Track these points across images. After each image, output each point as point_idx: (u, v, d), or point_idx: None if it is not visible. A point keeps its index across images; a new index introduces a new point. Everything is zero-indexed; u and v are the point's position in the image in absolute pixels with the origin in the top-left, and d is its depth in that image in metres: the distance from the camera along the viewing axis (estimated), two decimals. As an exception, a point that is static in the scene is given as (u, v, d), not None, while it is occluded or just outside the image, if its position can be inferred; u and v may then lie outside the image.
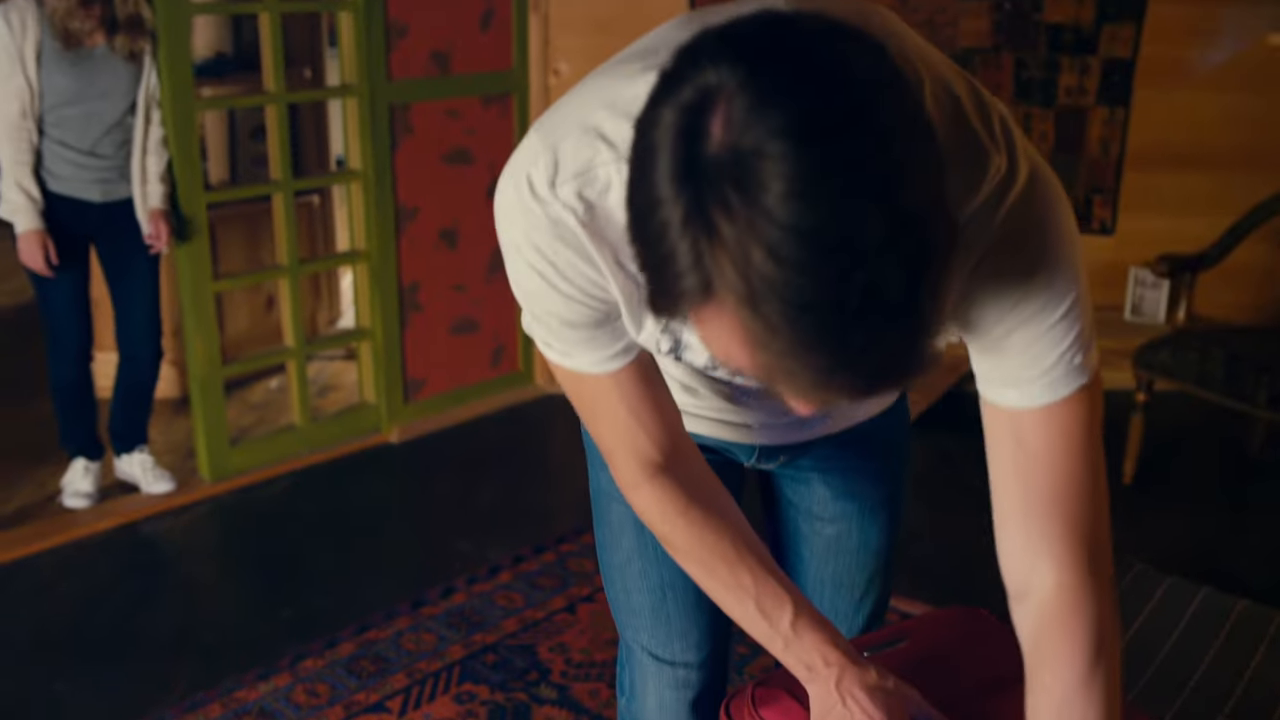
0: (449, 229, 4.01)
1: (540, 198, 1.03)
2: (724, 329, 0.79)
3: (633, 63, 1.03)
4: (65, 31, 3.14)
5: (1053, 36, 4.32)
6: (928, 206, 0.77)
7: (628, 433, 1.21)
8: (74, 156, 3.22)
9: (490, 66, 3.98)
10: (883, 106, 0.75)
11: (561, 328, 1.12)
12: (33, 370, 4.63)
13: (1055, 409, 1.10)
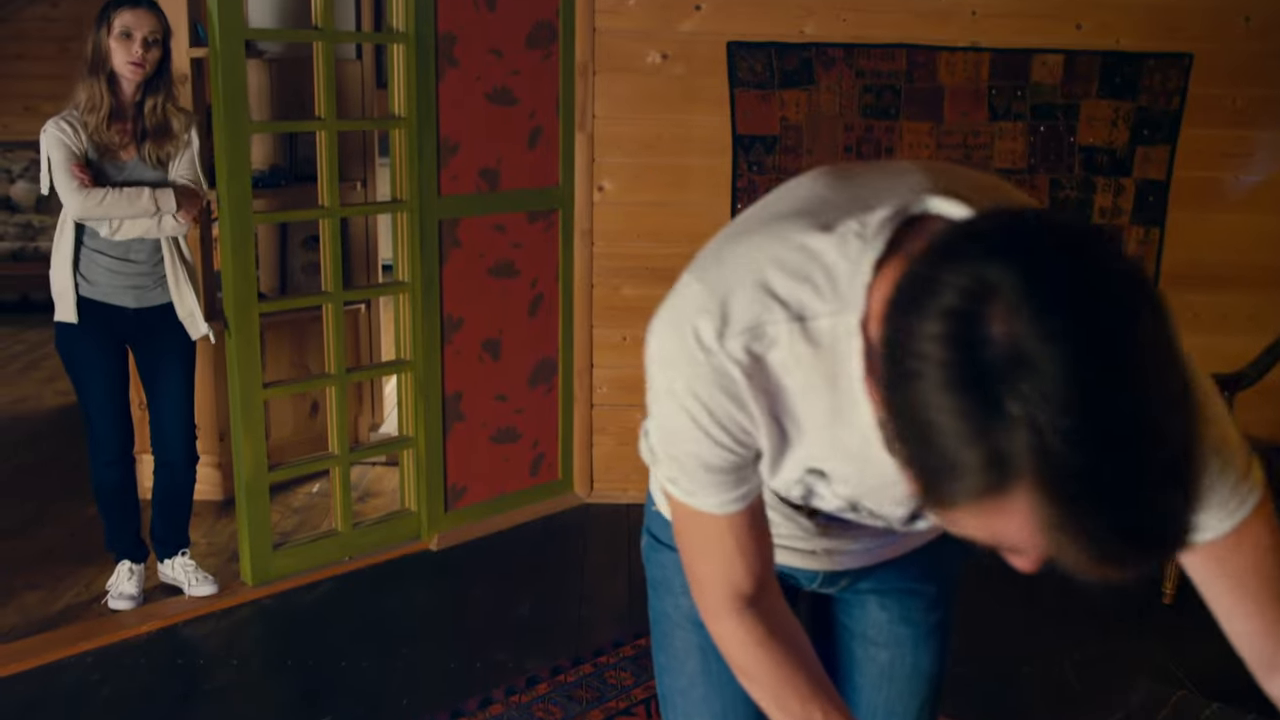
0: (493, 340, 4.10)
1: (707, 348, 1.09)
2: (1013, 516, 0.83)
3: (796, 222, 1.11)
4: (101, 145, 3.28)
5: (1087, 158, 4.40)
6: (1180, 373, 0.84)
7: (728, 568, 1.25)
8: (108, 263, 3.33)
9: (537, 183, 4.10)
10: (1143, 300, 0.83)
11: (697, 469, 1.17)
12: (80, 470, 4.73)
13: (1244, 530, 1.14)
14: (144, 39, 3.23)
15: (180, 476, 3.53)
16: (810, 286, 1.08)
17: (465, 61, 3.83)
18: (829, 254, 1.08)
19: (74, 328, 3.33)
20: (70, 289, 3.31)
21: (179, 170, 3.34)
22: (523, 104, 4.02)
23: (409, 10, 3.66)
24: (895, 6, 4.24)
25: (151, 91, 3.30)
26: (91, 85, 3.25)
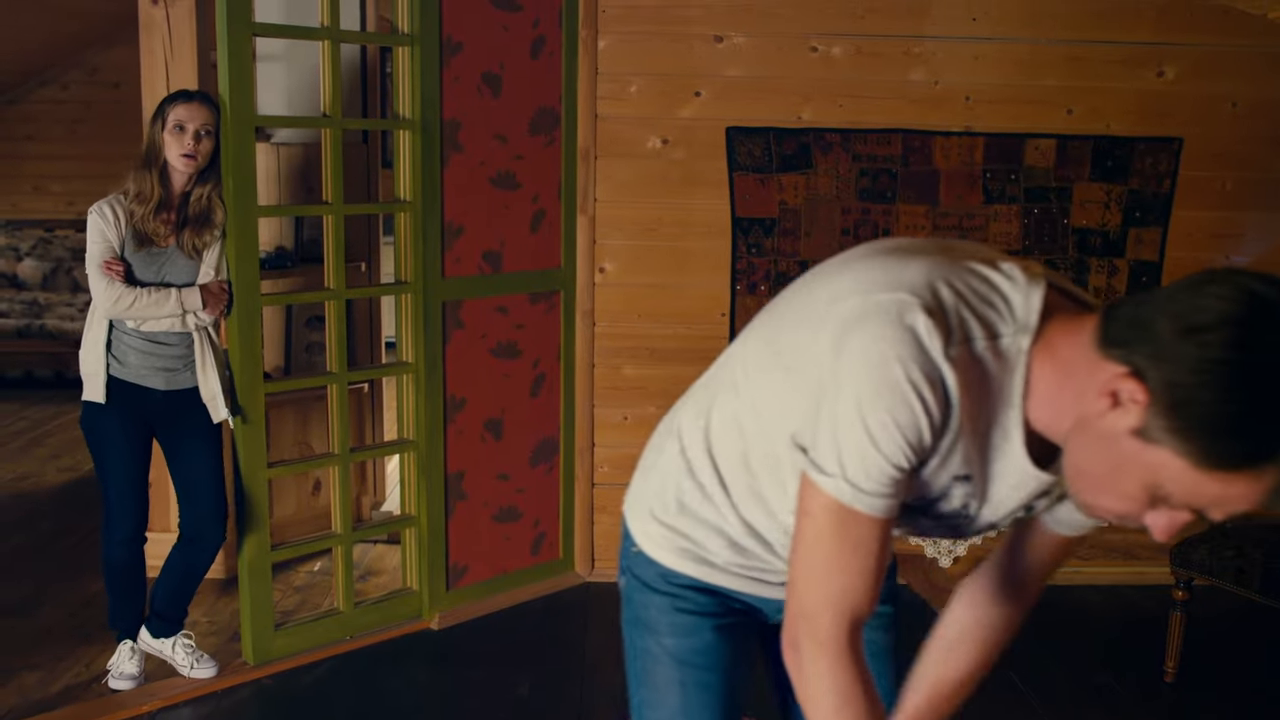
0: (495, 419, 4.13)
1: (931, 351, 1.24)
2: (1261, 482, 1.14)
3: (962, 262, 1.33)
4: (141, 233, 3.36)
5: (1081, 240, 4.48)
6: None
7: (860, 581, 1.34)
8: (140, 345, 3.39)
9: (539, 265, 4.16)
10: None
11: (887, 468, 1.28)
12: (81, 549, 4.74)
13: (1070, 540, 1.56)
14: (196, 131, 3.32)
15: (207, 554, 3.55)
16: (994, 311, 1.28)
17: (470, 147, 3.92)
18: (1004, 285, 1.30)
19: (101, 407, 3.37)
20: (102, 370, 3.36)
21: (208, 265, 3.41)
22: (525, 188, 4.10)
23: (415, 97, 3.75)
24: (891, 92, 4.34)
25: (201, 181, 3.39)
26: (144, 177, 3.34)
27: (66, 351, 7.74)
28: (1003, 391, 1.29)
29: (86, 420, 3.44)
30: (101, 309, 3.33)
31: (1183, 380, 1.12)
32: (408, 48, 3.75)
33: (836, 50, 4.32)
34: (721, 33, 4.29)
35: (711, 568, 1.68)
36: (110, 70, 8.96)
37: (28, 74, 8.82)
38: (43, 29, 8.10)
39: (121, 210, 3.36)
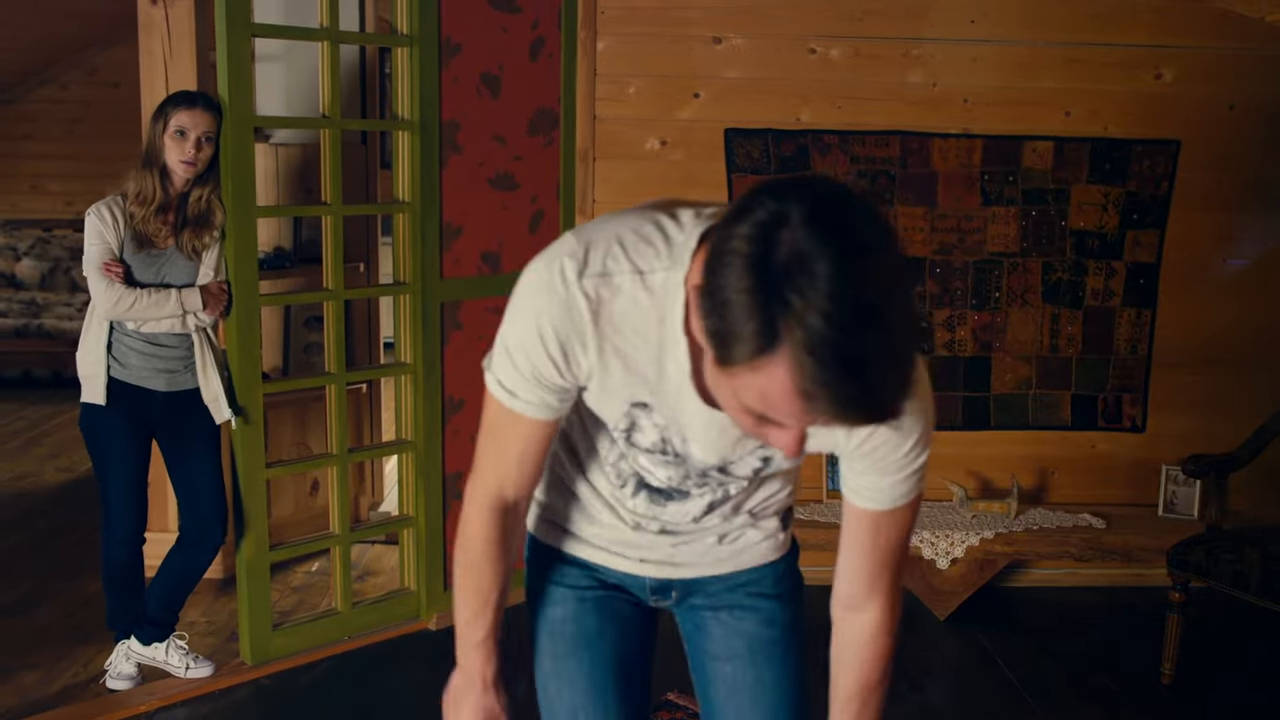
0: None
1: (567, 281, 1.40)
2: (776, 375, 1.14)
3: (656, 209, 1.45)
4: (141, 234, 3.36)
5: (1078, 242, 4.48)
6: (911, 299, 1.20)
7: (506, 467, 1.58)
8: (140, 346, 3.39)
9: (537, 265, 4.16)
10: (890, 236, 1.16)
11: (525, 376, 1.47)
12: (79, 548, 4.75)
13: (901, 510, 1.55)
14: (198, 138, 3.32)
15: (207, 556, 3.55)
16: (653, 250, 1.40)
17: (468, 148, 3.92)
18: (672, 229, 1.41)
19: (102, 409, 3.37)
20: (102, 372, 3.36)
21: (207, 266, 3.41)
22: (524, 189, 4.10)
23: (414, 98, 3.75)
24: (889, 94, 4.35)
25: (199, 183, 3.39)
26: (144, 178, 3.34)
27: (64, 351, 7.73)
28: (661, 317, 1.41)
29: (86, 422, 3.44)
30: (101, 310, 3.33)
31: (698, 282, 1.21)
32: (407, 49, 3.75)
33: (835, 52, 4.33)
34: (720, 34, 4.29)
35: (573, 538, 1.77)
36: (109, 70, 8.96)
37: (27, 73, 8.82)
38: (42, 29, 8.10)
39: (120, 212, 3.36)
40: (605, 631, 1.78)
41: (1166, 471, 4.49)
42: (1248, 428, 4.06)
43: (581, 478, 1.71)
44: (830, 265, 1.10)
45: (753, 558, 1.78)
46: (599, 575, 1.78)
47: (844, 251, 1.11)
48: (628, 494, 1.68)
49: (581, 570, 1.78)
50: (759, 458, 1.59)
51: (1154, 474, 4.55)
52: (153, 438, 3.52)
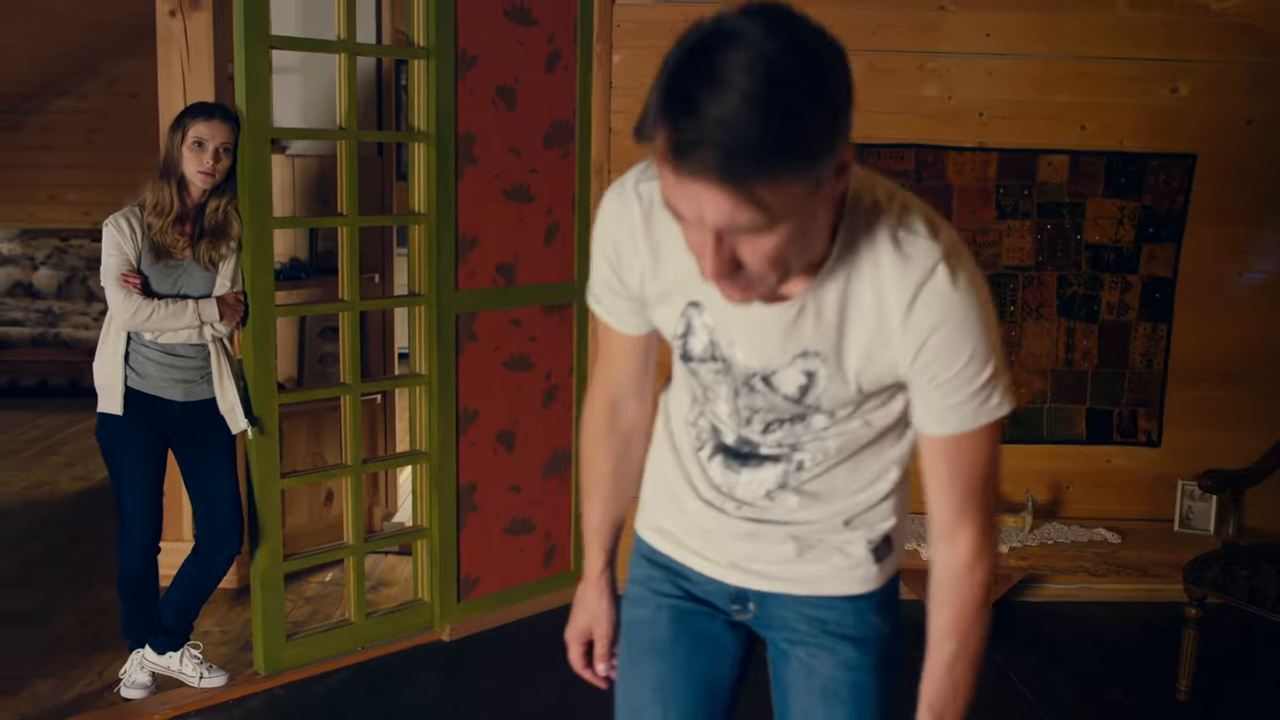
0: (507, 431, 4.14)
1: (624, 189, 1.59)
2: (659, 147, 1.24)
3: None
4: (158, 245, 3.38)
5: (1094, 256, 4.47)
6: (805, 87, 1.22)
7: (610, 370, 1.78)
8: (158, 356, 3.41)
9: (552, 278, 4.17)
10: (802, 43, 1.22)
11: (599, 282, 1.67)
12: (94, 557, 4.76)
13: (975, 434, 1.52)
14: (216, 150, 3.34)
15: (223, 566, 3.56)
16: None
17: (484, 160, 3.94)
18: None
19: (118, 419, 3.39)
20: (119, 382, 3.37)
21: (224, 276, 3.42)
22: (539, 201, 4.11)
23: (431, 110, 3.77)
24: (904, 108, 4.35)
25: (216, 194, 3.40)
26: (161, 188, 3.35)
27: (81, 360, 7.77)
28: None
29: (103, 431, 3.46)
30: (119, 321, 3.35)
31: None
32: (423, 61, 3.77)
33: (854, 65, 4.32)
34: (735, 47, 4.30)
35: (665, 536, 1.79)
36: (128, 80, 9.01)
37: (47, 84, 8.87)
38: (63, 40, 8.15)
39: (138, 222, 3.38)
40: (679, 641, 1.79)
41: (1182, 486, 4.48)
42: (1264, 443, 4.05)
43: (672, 451, 1.77)
44: (698, 32, 1.21)
45: (835, 586, 1.72)
46: (687, 586, 1.79)
47: (721, 28, 1.20)
48: (705, 457, 1.71)
49: (672, 580, 1.80)
50: (801, 371, 1.53)
51: (1170, 489, 4.53)
52: (169, 448, 3.53)
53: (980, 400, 1.48)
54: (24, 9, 7.19)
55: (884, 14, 4.31)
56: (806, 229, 1.34)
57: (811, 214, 1.33)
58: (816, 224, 1.37)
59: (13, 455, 6.43)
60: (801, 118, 1.20)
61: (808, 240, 1.37)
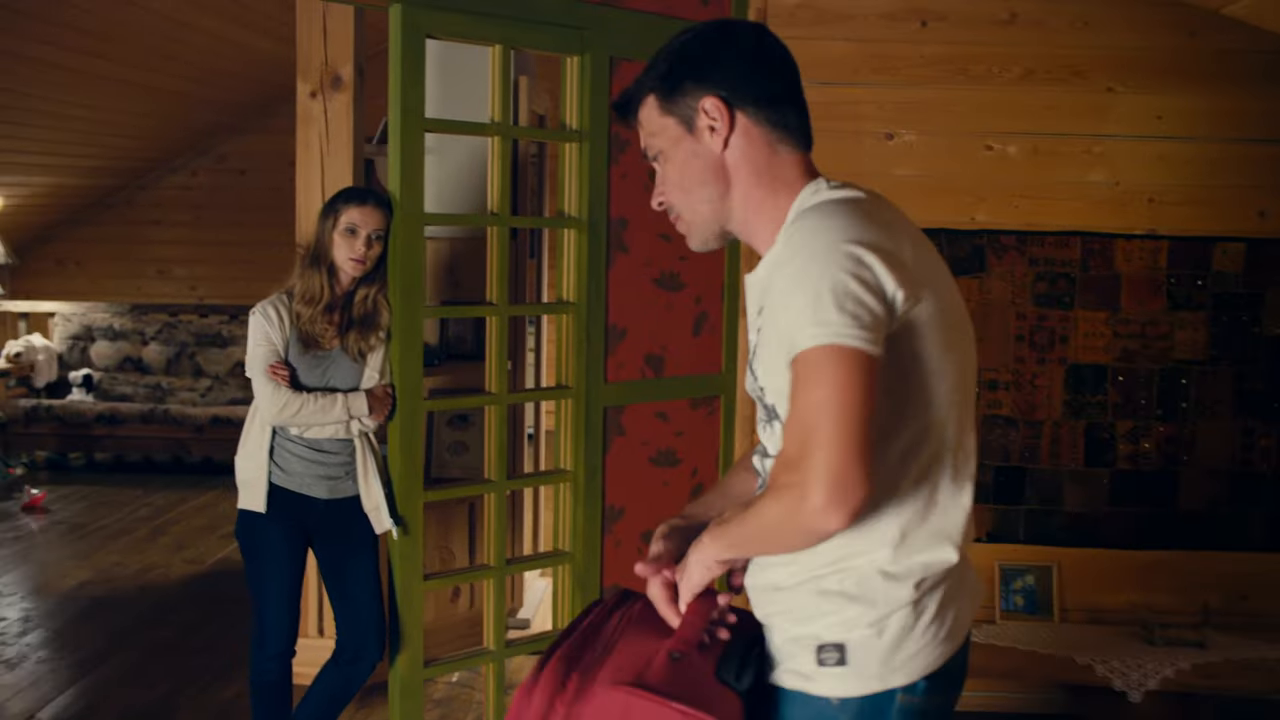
0: (652, 530, 3.92)
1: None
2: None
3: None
4: (307, 335, 3.24)
5: (1272, 349, 4.19)
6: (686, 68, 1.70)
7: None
8: (303, 452, 3.26)
9: (700, 369, 3.98)
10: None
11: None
12: (214, 649, 4.61)
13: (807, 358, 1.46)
14: (368, 236, 3.21)
15: (366, 672, 3.38)
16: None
17: (635, 247, 3.77)
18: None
19: (262, 516, 3.24)
20: (263, 477, 3.22)
21: (373, 368, 3.28)
22: (689, 289, 3.94)
23: (583, 195, 3.62)
24: (1069, 193, 4.13)
25: (366, 282, 3.27)
26: (311, 276, 3.23)
27: (188, 437, 7.75)
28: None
29: (244, 529, 3.30)
30: (267, 416, 3.20)
31: None
32: (576, 144, 3.63)
33: (1013, 149, 4.12)
34: (892, 130, 4.12)
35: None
36: (237, 158, 9.09)
37: (158, 160, 8.97)
38: (180, 118, 8.23)
39: (285, 311, 3.25)
40: None
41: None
42: None
43: None
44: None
45: (778, 670, 1.64)
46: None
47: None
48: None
49: None
50: (754, 357, 1.68)
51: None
52: (309, 547, 3.37)
53: (801, 323, 1.46)
54: (146, 89, 7.26)
55: (1049, 96, 4.10)
56: (685, 173, 1.70)
57: (690, 156, 1.69)
58: (697, 169, 1.68)
59: (124, 535, 6.34)
60: (672, 59, 1.69)
61: (688, 186, 1.71)
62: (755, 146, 1.68)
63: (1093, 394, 4.18)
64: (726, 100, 1.65)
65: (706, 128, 1.66)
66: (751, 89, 1.66)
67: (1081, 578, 4.20)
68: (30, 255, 8.90)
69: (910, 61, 4.09)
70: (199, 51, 7.04)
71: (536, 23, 3.50)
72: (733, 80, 1.66)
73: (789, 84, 1.71)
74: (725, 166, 1.68)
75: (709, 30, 1.71)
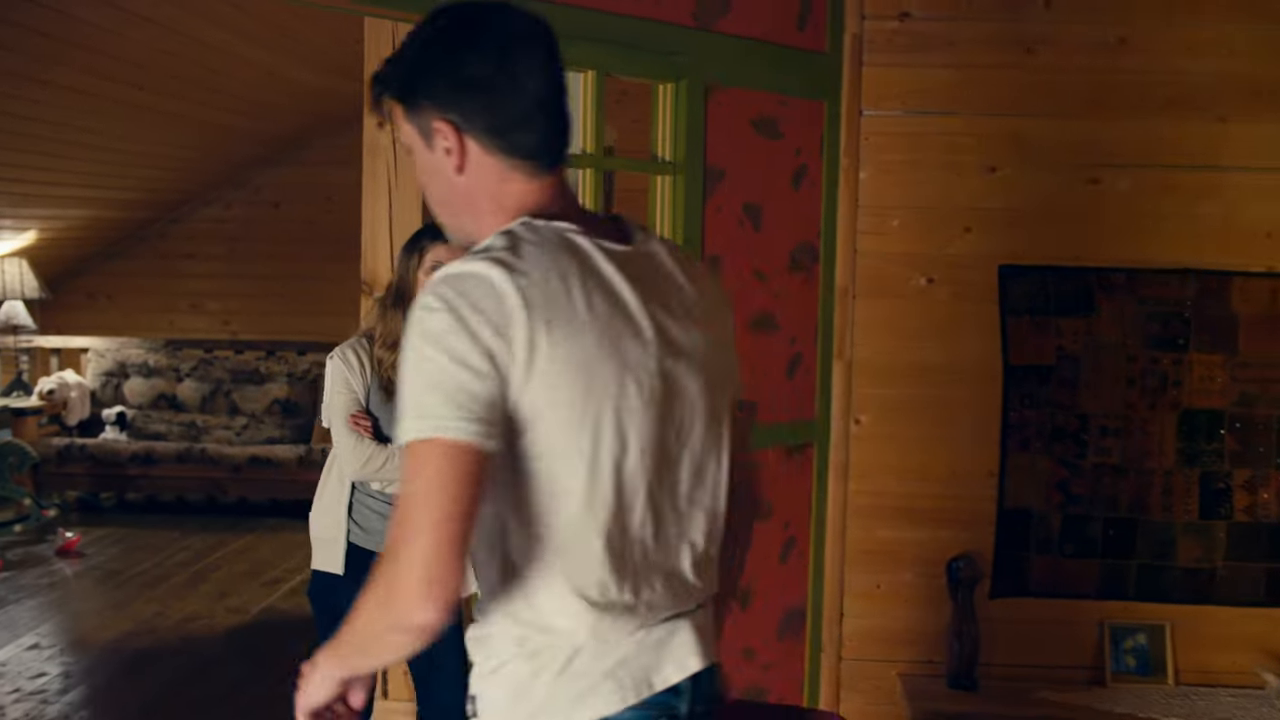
0: (743, 589, 3.69)
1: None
2: None
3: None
4: (390, 382, 3.01)
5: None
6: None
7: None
8: (384, 509, 3.04)
9: (793, 415, 3.75)
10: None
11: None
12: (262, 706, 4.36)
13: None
14: None
15: None
16: None
17: (729, 285, 3.53)
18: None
19: (338, 578, 3.00)
20: (341, 536, 2.99)
21: None
22: (783, 330, 3.71)
23: (677, 231, 3.40)
24: (1182, 229, 3.89)
25: None
26: (394, 318, 3.00)
27: (224, 477, 7.52)
28: None
29: (319, 591, 3.07)
30: (348, 470, 2.96)
31: None
32: (669, 176, 3.41)
33: (1122, 183, 3.89)
34: (995, 163, 3.89)
35: None
36: (272, 190, 8.92)
37: (193, 193, 8.81)
38: (211, 149, 8.07)
39: (366, 356, 3.03)
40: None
41: None
42: None
43: None
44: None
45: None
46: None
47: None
48: None
49: None
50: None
51: None
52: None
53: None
54: (188, 121, 7.10)
55: (1159, 127, 3.87)
56: (431, 182, 1.64)
57: (433, 168, 1.61)
58: (441, 183, 1.62)
59: (163, 581, 6.11)
60: (412, 68, 1.59)
61: (435, 193, 1.65)
62: (488, 175, 1.59)
63: (1207, 441, 3.92)
64: (458, 127, 1.56)
65: (443, 150, 1.58)
66: (484, 117, 1.56)
67: (1197, 637, 3.94)
68: (62, 289, 8.71)
69: (1013, 90, 3.87)
70: (245, 84, 6.87)
71: (631, 48, 3.29)
72: (463, 107, 1.55)
73: (536, 100, 1.57)
74: (461, 190, 1.61)
75: (451, 33, 1.57)
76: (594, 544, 1.52)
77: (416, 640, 1.44)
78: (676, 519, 1.63)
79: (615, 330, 1.52)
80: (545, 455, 1.49)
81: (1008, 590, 3.95)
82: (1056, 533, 3.93)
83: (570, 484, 1.50)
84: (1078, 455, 3.92)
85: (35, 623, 5.41)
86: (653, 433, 1.56)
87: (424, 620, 1.39)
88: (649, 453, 1.55)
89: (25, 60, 5.23)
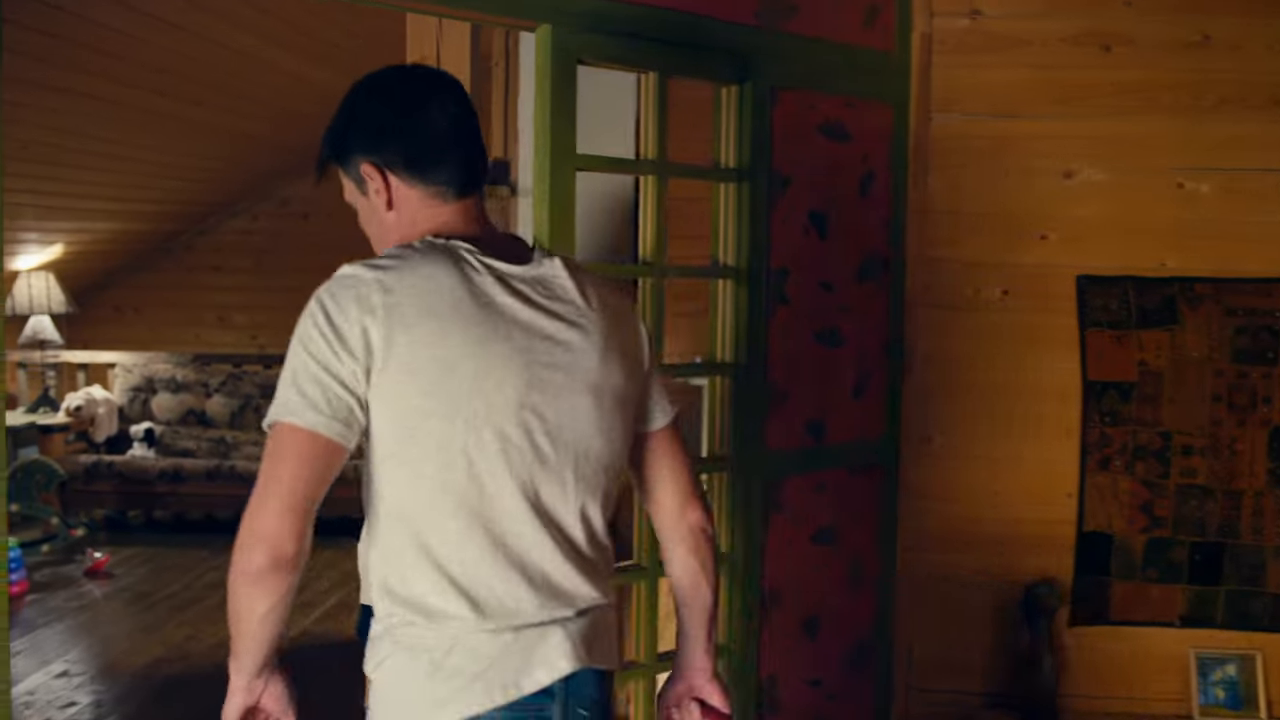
0: (812, 618, 3.49)
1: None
2: None
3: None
4: None
5: None
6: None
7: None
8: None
9: (861, 434, 3.55)
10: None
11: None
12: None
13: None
14: None
15: None
16: None
17: (796, 298, 3.35)
18: None
19: None
20: None
21: None
22: (850, 344, 3.51)
23: (741, 242, 3.21)
24: (1272, 235, 3.69)
25: None
26: None
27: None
28: None
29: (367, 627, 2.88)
30: None
31: None
32: (733, 184, 3.22)
33: (1206, 187, 3.69)
34: (1072, 167, 3.70)
35: None
36: (300, 202, 8.77)
37: (219, 205, 8.66)
38: (239, 161, 7.93)
39: None
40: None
41: None
42: None
43: None
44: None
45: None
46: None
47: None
48: None
49: None
50: None
51: None
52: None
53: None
54: (218, 131, 6.95)
55: (1247, 127, 3.67)
56: (369, 224, 1.86)
57: (370, 212, 1.84)
58: (376, 224, 1.84)
59: (194, 604, 5.95)
60: (340, 126, 1.83)
61: (374, 233, 1.86)
62: (411, 205, 1.80)
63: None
64: (379, 166, 1.78)
65: (374, 191, 1.80)
66: (402, 156, 1.78)
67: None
68: (88, 303, 8.57)
69: (1092, 91, 3.68)
70: (272, 91, 6.72)
71: (696, 48, 3.10)
72: (383, 150, 1.79)
73: (446, 138, 1.80)
74: (391, 224, 1.81)
75: (368, 94, 1.84)
76: (449, 525, 1.65)
77: (256, 587, 1.59)
78: (549, 522, 1.72)
79: (483, 332, 1.66)
80: (402, 439, 1.63)
81: (1087, 618, 3.74)
82: (1139, 557, 3.73)
83: (424, 468, 1.64)
84: (1161, 475, 3.71)
85: (64, 648, 5.24)
86: (517, 433, 1.67)
87: (255, 565, 1.56)
88: (511, 451, 1.67)
89: (41, 66, 5.07)
